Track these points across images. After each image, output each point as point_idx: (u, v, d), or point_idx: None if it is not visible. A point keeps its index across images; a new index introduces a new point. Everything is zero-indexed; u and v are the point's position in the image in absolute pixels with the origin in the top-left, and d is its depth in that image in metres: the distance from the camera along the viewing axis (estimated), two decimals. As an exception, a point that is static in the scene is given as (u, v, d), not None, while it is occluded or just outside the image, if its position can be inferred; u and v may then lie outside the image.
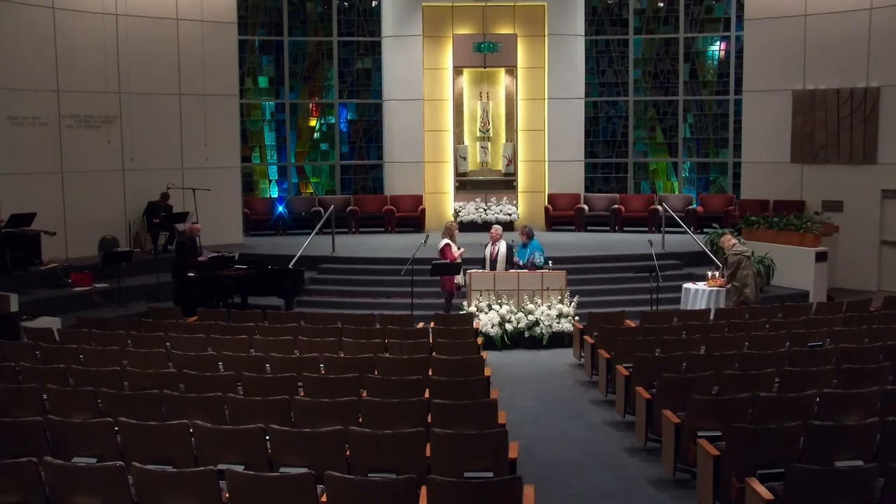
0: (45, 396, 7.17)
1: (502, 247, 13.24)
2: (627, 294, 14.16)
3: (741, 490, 5.67)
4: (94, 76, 15.95)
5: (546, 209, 19.86)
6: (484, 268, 13.22)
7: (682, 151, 20.54)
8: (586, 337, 10.74)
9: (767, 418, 6.50)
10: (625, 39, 20.55)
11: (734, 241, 12.53)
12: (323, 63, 20.63)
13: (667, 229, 16.69)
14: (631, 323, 10.93)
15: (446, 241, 13.20)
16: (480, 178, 20.12)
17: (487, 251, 13.27)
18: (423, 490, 5.10)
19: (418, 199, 19.98)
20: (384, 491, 5.04)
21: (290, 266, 14.55)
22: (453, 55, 19.90)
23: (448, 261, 12.93)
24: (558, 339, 12.40)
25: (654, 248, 14.02)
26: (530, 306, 12.56)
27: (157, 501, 5.14)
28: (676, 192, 20.39)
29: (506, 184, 20.06)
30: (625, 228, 19.22)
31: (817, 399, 6.82)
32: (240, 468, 5.36)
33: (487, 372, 8.51)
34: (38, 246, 14.52)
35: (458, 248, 13.25)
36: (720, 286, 12.49)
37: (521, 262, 13.12)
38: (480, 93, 20.08)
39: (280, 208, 19.79)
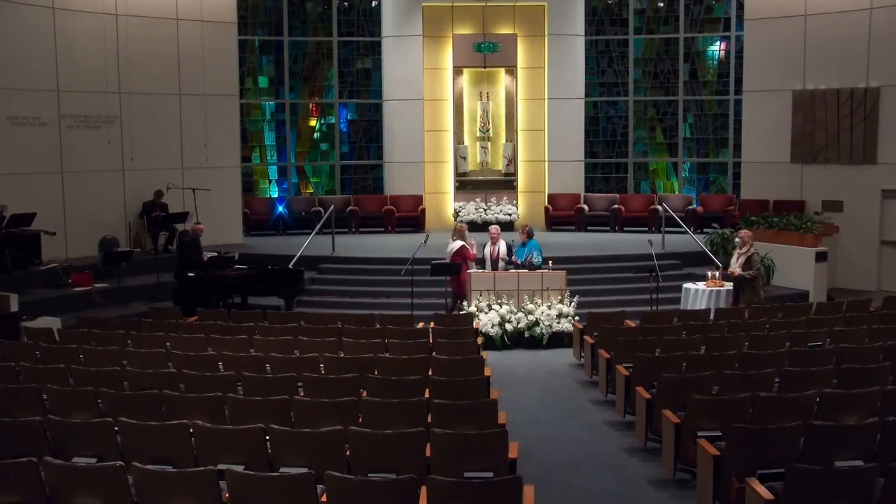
0: (45, 396, 7.17)
1: (502, 246, 13.27)
2: (627, 294, 14.16)
3: (741, 490, 5.67)
4: (94, 76, 15.95)
5: (546, 209, 19.86)
6: (484, 268, 13.22)
7: (682, 151, 20.54)
8: (586, 337, 10.74)
9: (767, 418, 6.50)
10: (625, 39, 20.54)
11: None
12: (323, 63, 20.63)
13: (667, 229, 16.69)
14: (631, 323, 10.93)
15: (460, 243, 13.14)
16: (480, 178, 20.12)
17: (487, 251, 13.27)
18: (423, 490, 5.10)
19: (418, 199, 19.98)
20: (384, 491, 5.04)
21: (290, 266, 14.55)
22: (453, 55, 19.90)
23: (459, 261, 12.92)
24: (558, 339, 12.40)
25: (654, 248, 14.01)
26: (530, 306, 12.56)
27: (157, 501, 5.14)
28: (676, 192, 20.39)
29: (506, 184, 20.06)
30: (625, 228, 19.21)
31: (817, 399, 6.81)
32: (240, 468, 5.36)
33: (487, 372, 8.50)
34: (38, 246, 14.52)
35: (472, 247, 13.21)
36: (717, 286, 12.49)
37: (518, 261, 13.13)
38: (480, 93, 20.08)
39: (280, 208, 19.79)
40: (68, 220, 15.62)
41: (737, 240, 12.57)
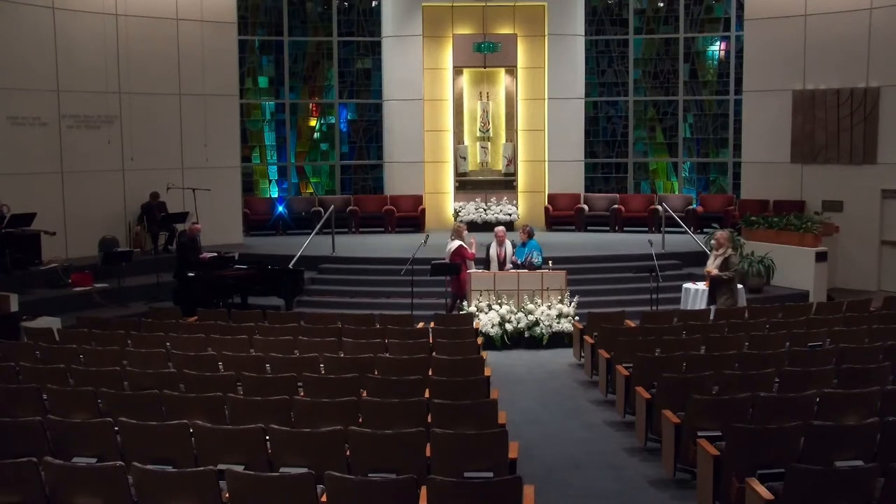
0: (45, 396, 7.17)
1: (509, 247, 13.28)
2: (627, 294, 14.15)
3: (741, 490, 5.67)
4: (94, 76, 15.95)
5: (546, 209, 19.86)
6: (490, 269, 13.18)
7: (682, 151, 20.54)
8: (586, 337, 10.74)
9: (767, 418, 6.50)
10: (625, 39, 20.54)
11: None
12: (323, 63, 20.63)
13: (667, 229, 16.69)
14: (631, 323, 10.93)
15: (458, 242, 13.14)
16: (480, 178, 20.12)
17: (493, 252, 13.25)
18: (423, 490, 5.10)
19: (418, 199, 19.98)
20: (384, 491, 5.04)
21: (290, 266, 14.55)
22: (453, 55, 19.90)
23: (458, 261, 12.91)
24: (558, 339, 12.40)
25: (654, 248, 14.01)
26: (530, 306, 12.56)
27: (157, 501, 5.14)
28: (676, 192, 20.39)
29: (506, 184, 20.06)
30: (625, 228, 19.21)
31: (817, 399, 6.81)
32: (240, 468, 5.36)
33: (487, 372, 8.50)
34: (38, 246, 14.52)
35: (472, 246, 13.23)
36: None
37: (518, 262, 13.12)
38: (480, 93, 20.08)
39: (280, 208, 19.79)
40: (68, 220, 15.62)
41: (712, 242, 12.26)
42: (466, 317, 11.72)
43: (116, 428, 6.16)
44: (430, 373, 8.19)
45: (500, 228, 13.72)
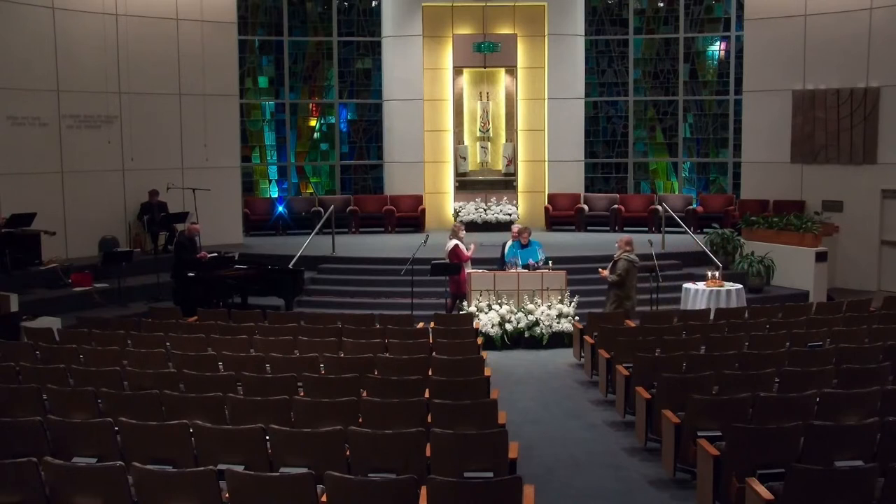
0: (45, 396, 7.17)
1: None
2: (627, 294, 14.13)
3: (741, 490, 5.67)
4: (94, 76, 15.95)
5: (546, 209, 19.86)
6: (502, 268, 13.18)
7: (682, 151, 20.54)
8: (586, 337, 10.74)
9: (767, 418, 6.50)
10: (625, 39, 20.54)
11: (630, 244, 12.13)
12: (323, 63, 20.63)
13: (667, 229, 16.68)
14: (631, 323, 10.93)
15: (455, 242, 13.15)
16: (480, 178, 20.11)
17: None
18: (423, 490, 5.10)
19: (418, 199, 19.98)
20: (384, 491, 5.04)
21: (290, 266, 14.55)
22: (453, 55, 19.90)
23: (457, 261, 12.91)
24: (558, 339, 12.40)
25: (654, 248, 13.99)
26: (530, 306, 12.56)
27: (157, 501, 5.14)
28: (676, 192, 20.39)
29: (506, 184, 20.05)
30: (625, 228, 19.16)
31: (817, 399, 6.81)
32: (240, 468, 5.36)
33: (487, 372, 8.50)
34: (38, 246, 14.51)
35: (470, 247, 13.24)
36: (717, 286, 12.51)
37: (533, 263, 13.00)
38: (480, 93, 20.08)
39: (280, 208, 19.79)
40: (68, 220, 15.62)
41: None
42: (466, 317, 11.71)
43: (116, 428, 6.16)
44: (430, 373, 8.19)
45: (516, 226, 13.77)
